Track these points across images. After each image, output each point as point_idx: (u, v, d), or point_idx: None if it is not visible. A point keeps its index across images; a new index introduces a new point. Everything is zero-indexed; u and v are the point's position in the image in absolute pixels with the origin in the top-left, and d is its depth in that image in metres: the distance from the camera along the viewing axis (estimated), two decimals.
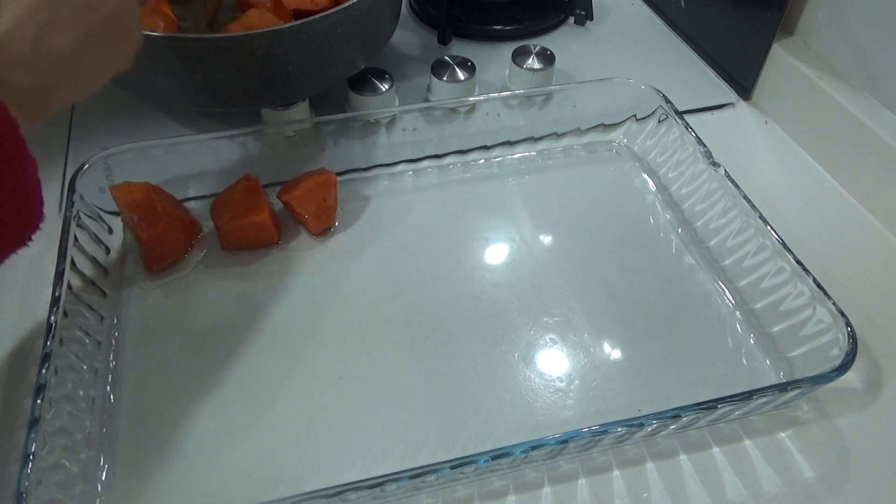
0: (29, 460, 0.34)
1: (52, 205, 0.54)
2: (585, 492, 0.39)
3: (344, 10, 0.51)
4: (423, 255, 0.51)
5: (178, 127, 0.60)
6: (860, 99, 0.57)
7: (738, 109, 0.67)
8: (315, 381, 0.44)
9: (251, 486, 0.39)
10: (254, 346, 0.45)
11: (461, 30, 0.72)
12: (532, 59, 0.62)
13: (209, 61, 0.50)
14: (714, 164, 0.52)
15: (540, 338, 0.46)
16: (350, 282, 0.49)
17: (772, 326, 0.46)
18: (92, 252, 0.47)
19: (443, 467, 0.35)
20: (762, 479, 0.40)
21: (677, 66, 0.71)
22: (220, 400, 0.43)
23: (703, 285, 0.50)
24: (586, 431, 0.37)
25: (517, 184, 0.57)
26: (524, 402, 0.43)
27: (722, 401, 0.38)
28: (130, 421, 0.41)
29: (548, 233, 0.53)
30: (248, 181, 0.51)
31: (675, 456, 0.41)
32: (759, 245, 0.48)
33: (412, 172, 0.58)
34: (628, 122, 0.60)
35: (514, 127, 0.59)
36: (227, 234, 0.50)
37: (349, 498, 0.35)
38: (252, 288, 0.49)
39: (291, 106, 0.56)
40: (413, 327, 0.47)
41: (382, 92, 0.58)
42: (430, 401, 0.43)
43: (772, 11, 0.61)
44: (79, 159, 0.50)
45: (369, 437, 0.41)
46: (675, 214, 0.55)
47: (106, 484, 0.39)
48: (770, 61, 0.64)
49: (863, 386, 0.45)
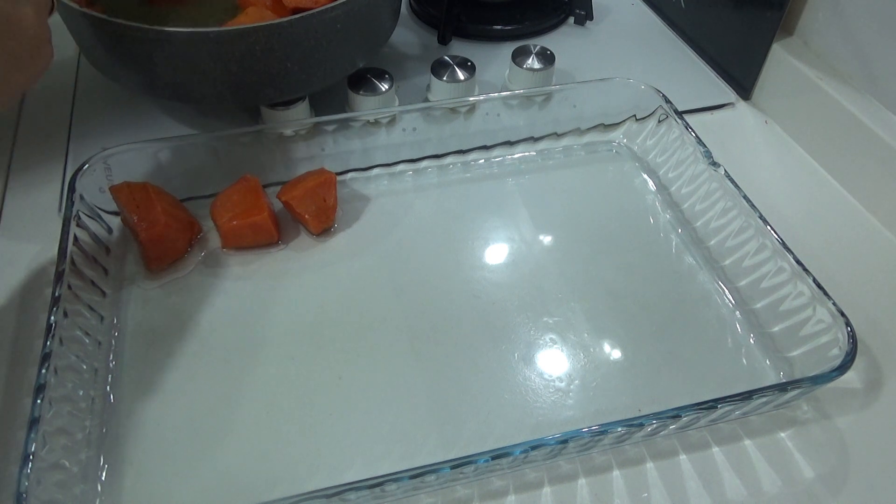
0: (29, 460, 0.34)
1: (52, 205, 0.54)
2: (585, 492, 0.39)
3: (342, 6, 0.51)
4: (423, 255, 0.51)
5: (179, 127, 0.60)
6: (860, 99, 0.57)
7: (737, 109, 0.67)
8: (315, 381, 0.44)
9: (251, 486, 0.39)
10: (254, 346, 0.45)
11: (461, 30, 0.72)
12: (532, 59, 0.62)
13: (207, 56, 0.50)
14: (714, 164, 0.52)
15: (540, 338, 0.46)
16: (350, 282, 0.49)
17: (772, 326, 0.46)
18: (92, 252, 0.47)
19: (443, 467, 0.35)
20: (762, 479, 0.40)
21: (677, 66, 0.71)
22: (220, 400, 0.43)
23: (703, 285, 0.50)
24: (586, 431, 0.37)
25: (517, 184, 0.57)
26: (524, 402, 0.43)
27: (722, 401, 0.38)
28: (130, 421, 0.41)
29: (548, 233, 0.53)
30: (248, 181, 0.51)
31: (675, 456, 0.41)
32: (758, 245, 0.48)
33: (412, 172, 0.58)
34: (628, 122, 0.60)
35: (514, 127, 0.59)
36: (227, 234, 0.50)
37: (349, 498, 0.35)
38: (252, 288, 0.49)
39: (291, 106, 0.56)
40: (413, 327, 0.47)
41: (382, 92, 0.58)
42: (430, 401, 0.43)
43: (772, 11, 0.61)
44: (79, 159, 0.50)
45: (369, 437, 0.41)
46: (675, 214, 0.55)
47: (106, 484, 0.39)
48: (770, 61, 0.64)
49: (863, 386, 0.45)
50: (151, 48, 0.50)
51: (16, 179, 0.56)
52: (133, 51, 0.51)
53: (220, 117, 0.61)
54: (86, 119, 0.61)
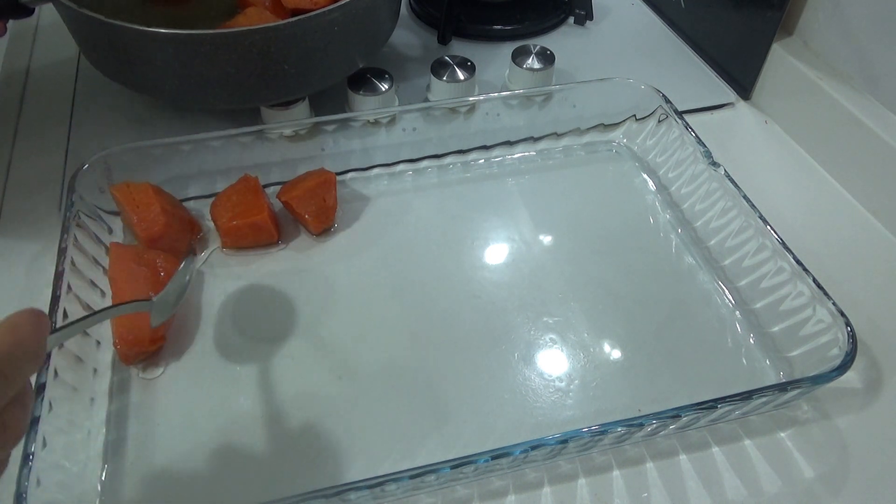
0: (29, 460, 0.34)
1: (52, 205, 0.54)
2: (585, 492, 0.39)
3: (341, 8, 0.51)
4: (423, 255, 0.51)
5: (179, 127, 0.60)
6: (860, 99, 0.57)
7: (737, 109, 0.67)
8: (315, 381, 0.44)
9: (251, 486, 0.39)
10: (253, 346, 0.45)
11: (461, 30, 0.72)
12: (532, 59, 0.62)
13: (205, 57, 0.50)
14: (714, 163, 0.52)
15: (540, 338, 0.46)
16: (350, 282, 0.49)
17: (772, 326, 0.46)
18: (92, 252, 0.47)
19: (443, 467, 0.35)
20: (762, 479, 0.40)
21: (677, 66, 0.71)
22: (220, 400, 0.43)
23: (703, 285, 0.50)
24: (586, 431, 0.37)
25: (517, 184, 0.57)
26: (524, 402, 0.43)
27: (722, 401, 0.38)
28: (130, 421, 0.41)
29: (548, 233, 0.53)
30: (248, 181, 0.51)
31: (675, 456, 0.41)
32: (758, 245, 0.48)
33: (412, 172, 0.58)
34: (628, 122, 0.60)
35: (514, 127, 0.59)
36: (227, 234, 0.50)
37: (349, 498, 0.35)
38: (252, 288, 0.49)
39: (291, 106, 0.56)
40: (413, 327, 0.47)
41: (382, 92, 0.58)
42: (430, 401, 0.43)
43: (772, 11, 0.61)
44: (79, 159, 0.50)
45: (369, 437, 0.41)
46: (675, 214, 0.55)
47: (106, 484, 0.39)
48: (770, 61, 0.64)
49: (863, 386, 0.45)
50: (151, 49, 0.50)
51: (16, 179, 0.56)
52: (133, 51, 0.51)
53: (220, 117, 0.61)
54: (86, 119, 0.61)
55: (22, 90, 0.65)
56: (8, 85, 0.65)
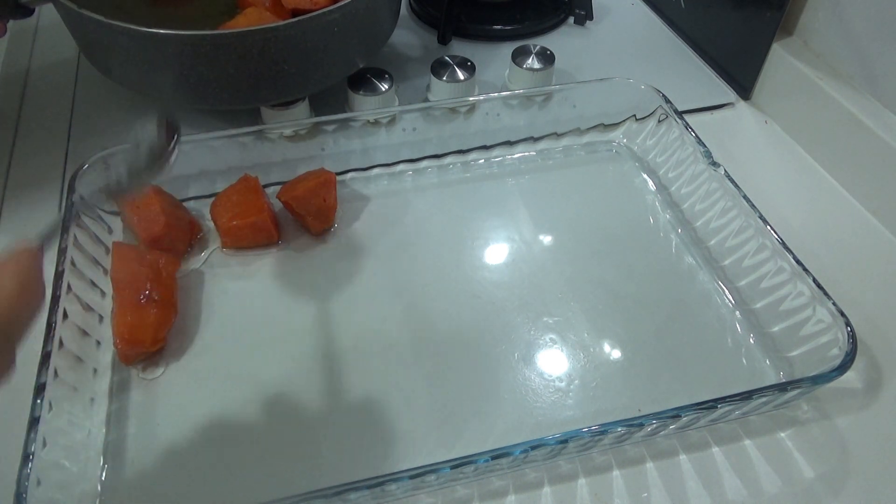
0: (29, 460, 0.34)
1: (52, 205, 0.54)
2: (585, 492, 0.39)
3: (340, 9, 0.51)
4: (423, 255, 0.51)
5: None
6: (860, 99, 0.57)
7: (737, 109, 0.67)
8: (315, 381, 0.44)
9: (251, 486, 0.39)
10: (253, 346, 0.45)
11: (461, 30, 0.72)
12: (532, 59, 0.62)
13: (205, 57, 0.50)
14: (714, 163, 0.52)
15: (540, 338, 0.46)
16: (350, 282, 0.49)
17: (772, 326, 0.46)
18: (92, 252, 0.47)
19: (443, 467, 0.35)
20: (762, 479, 0.40)
21: (677, 66, 0.71)
22: (220, 400, 0.43)
23: (703, 285, 0.50)
24: (586, 431, 0.37)
25: (517, 184, 0.57)
26: (524, 402, 0.43)
27: (722, 401, 0.38)
28: (130, 421, 0.41)
29: (548, 233, 0.53)
30: (248, 181, 0.51)
31: (675, 456, 0.41)
32: (758, 245, 0.48)
33: (412, 172, 0.58)
34: (628, 122, 0.60)
35: (514, 127, 0.59)
36: (227, 234, 0.50)
37: (349, 498, 0.35)
38: (252, 288, 0.49)
39: (291, 106, 0.56)
40: (413, 327, 0.47)
41: (382, 92, 0.58)
42: (429, 400, 0.43)
43: (772, 11, 0.61)
44: (79, 159, 0.50)
45: (369, 437, 0.41)
46: (675, 214, 0.55)
47: (106, 484, 0.39)
48: (770, 61, 0.64)
49: (863, 386, 0.45)
50: (151, 49, 0.50)
51: (16, 179, 0.56)
52: (133, 51, 0.51)
53: (220, 117, 0.61)
54: (86, 119, 0.61)
55: (22, 90, 0.65)
56: (8, 85, 0.65)
